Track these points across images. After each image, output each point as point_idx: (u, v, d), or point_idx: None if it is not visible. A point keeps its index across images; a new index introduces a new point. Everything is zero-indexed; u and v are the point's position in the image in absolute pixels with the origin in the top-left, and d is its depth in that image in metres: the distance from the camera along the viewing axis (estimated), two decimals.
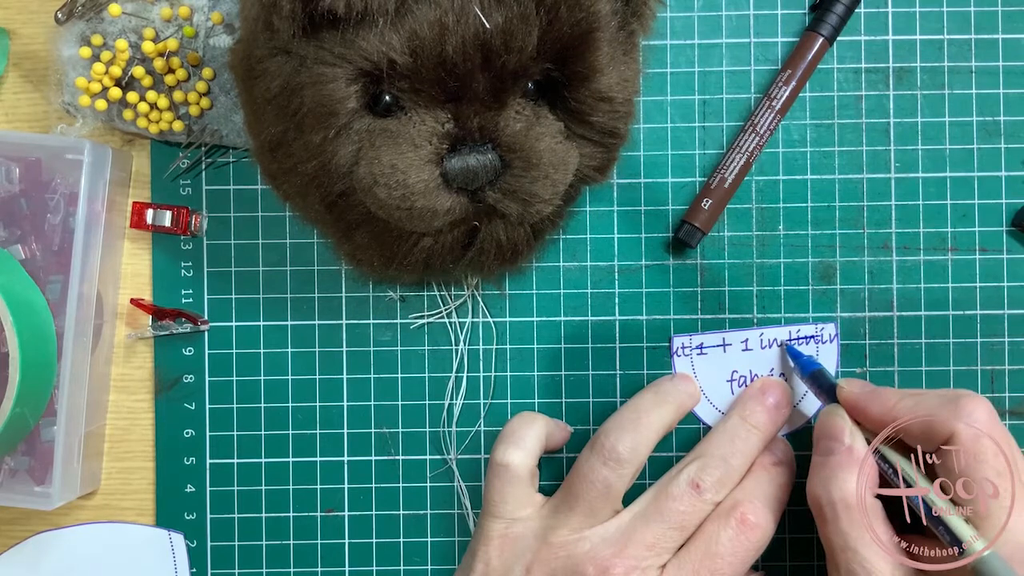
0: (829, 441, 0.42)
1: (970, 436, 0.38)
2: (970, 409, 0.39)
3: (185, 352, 0.49)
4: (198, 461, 0.49)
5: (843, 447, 0.41)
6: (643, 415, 0.44)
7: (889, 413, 0.41)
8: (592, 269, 0.49)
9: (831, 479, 0.40)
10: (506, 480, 0.44)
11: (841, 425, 0.42)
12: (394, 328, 0.49)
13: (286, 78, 0.37)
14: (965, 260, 0.48)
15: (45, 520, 0.49)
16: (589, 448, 0.44)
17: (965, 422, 0.38)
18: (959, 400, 0.39)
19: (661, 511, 0.42)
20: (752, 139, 0.47)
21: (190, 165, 0.48)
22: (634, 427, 0.44)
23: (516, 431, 0.45)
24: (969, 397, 0.39)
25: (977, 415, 0.39)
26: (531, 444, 0.45)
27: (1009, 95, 0.48)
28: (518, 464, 0.44)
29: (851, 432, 0.41)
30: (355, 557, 0.49)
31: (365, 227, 0.40)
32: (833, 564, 0.40)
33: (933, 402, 0.40)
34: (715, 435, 0.45)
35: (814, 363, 0.46)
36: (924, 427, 0.39)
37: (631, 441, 0.43)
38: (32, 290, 0.45)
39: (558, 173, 0.38)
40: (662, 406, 0.45)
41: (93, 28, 0.46)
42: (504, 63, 0.35)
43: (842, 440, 0.41)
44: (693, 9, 0.48)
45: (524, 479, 0.44)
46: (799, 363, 0.47)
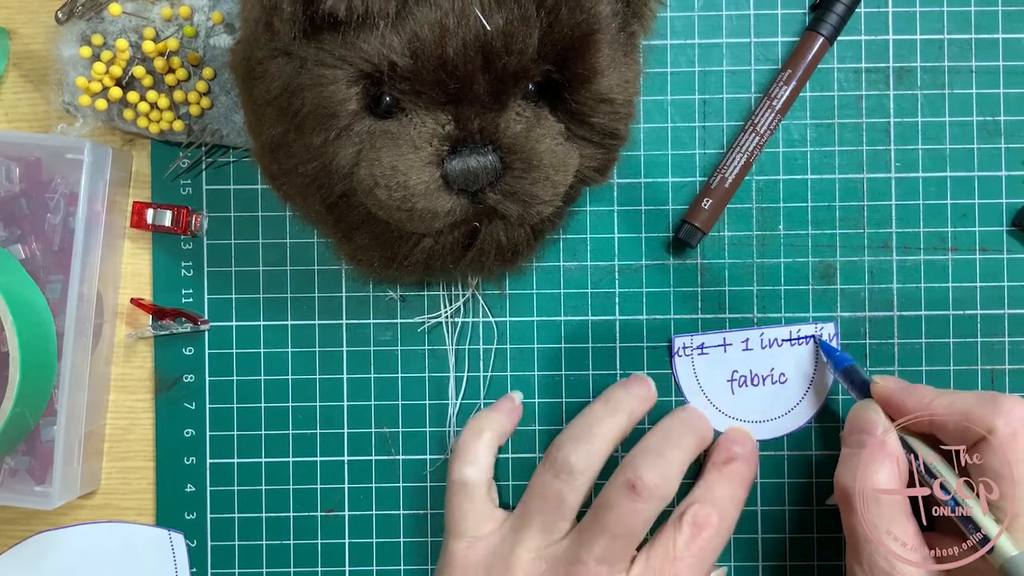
0: (861, 434, 0.42)
1: (1007, 434, 0.39)
2: (1008, 407, 0.39)
3: (185, 352, 0.49)
4: (198, 461, 0.49)
5: (875, 440, 0.41)
6: (594, 425, 0.44)
7: (925, 409, 0.41)
8: (592, 269, 0.49)
9: (863, 469, 0.41)
10: (463, 497, 0.45)
11: (875, 419, 0.42)
12: (394, 328, 0.49)
13: (287, 79, 0.36)
14: (965, 260, 0.48)
15: (45, 520, 0.49)
16: (543, 463, 0.44)
17: (1004, 419, 0.39)
18: (997, 399, 0.40)
19: (602, 523, 0.41)
20: (752, 139, 0.47)
21: (190, 165, 0.48)
22: (586, 439, 0.44)
23: (467, 446, 0.46)
24: (1008, 397, 0.40)
25: (1016, 414, 0.39)
26: (483, 457, 0.46)
27: (1009, 95, 0.48)
28: (474, 479, 0.45)
29: (884, 426, 0.42)
30: (355, 557, 0.49)
31: (365, 228, 0.40)
32: (855, 554, 0.41)
33: (970, 400, 0.40)
34: (649, 435, 0.45)
35: (847, 358, 0.46)
36: (960, 425, 0.40)
37: (584, 453, 0.43)
38: (32, 290, 0.45)
39: (558, 174, 0.38)
40: (614, 415, 0.45)
41: (93, 28, 0.46)
42: (505, 65, 0.35)
43: (874, 433, 0.42)
44: (693, 9, 0.48)
45: (482, 493, 0.45)
46: (832, 359, 0.47)
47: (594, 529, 0.41)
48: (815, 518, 0.48)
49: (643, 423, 0.48)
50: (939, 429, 0.41)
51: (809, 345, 0.48)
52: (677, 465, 0.43)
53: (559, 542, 0.43)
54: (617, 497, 0.41)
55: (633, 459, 0.43)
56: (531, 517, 0.43)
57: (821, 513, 0.48)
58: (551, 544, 0.43)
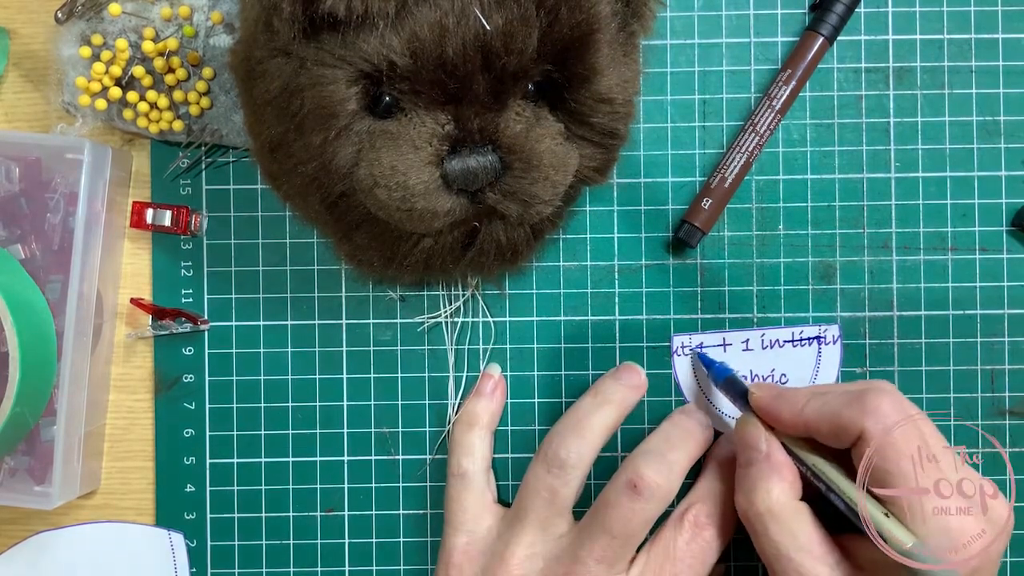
0: (748, 451, 0.41)
1: (879, 432, 0.37)
2: (874, 405, 0.38)
3: (185, 352, 0.49)
4: (198, 461, 0.49)
5: (761, 455, 0.40)
6: (584, 419, 0.44)
7: (798, 417, 0.40)
8: (592, 269, 0.49)
9: (753, 490, 0.40)
10: (462, 488, 0.45)
11: (756, 433, 0.41)
12: (394, 328, 0.49)
13: (286, 79, 0.36)
14: (965, 260, 0.48)
15: (45, 520, 0.49)
16: (535, 458, 0.44)
17: (872, 419, 0.37)
18: (863, 398, 0.38)
19: (602, 522, 0.41)
20: (752, 139, 0.47)
21: (190, 165, 0.48)
22: (577, 432, 0.44)
23: (462, 440, 0.46)
24: (873, 391, 0.38)
25: (883, 410, 0.37)
26: (480, 449, 0.46)
27: (1009, 95, 0.48)
28: (473, 471, 0.46)
29: (766, 439, 0.41)
30: (355, 557, 0.49)
31: (365, 228, 0.40)
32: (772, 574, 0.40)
33: (838, 403, 0.39)
34: (651, 435, 0.45)
35: (727, 369, 0.46)
36: (833, 428, 0.39)
37: (574, 447, 0.43)
38: (32, 290, 0.45)
39: (558, 174, 0.38)
40: (603, 407, 0.45)
41: (93, 28, 0.46)
42: (504, 65, 0.35)
43: (759, 448, 0.41)
44: (693, 9, 0.48)
45: (480, 483, 0.46)
46: (712, 371, 0.47)
47: (594, 528, 0.41)
48: None
49: (644, 423, 0.48)
50: (816, 434, 0.40)
51: (811, 347, 0.48)
52: (679, 466, 0.43)
53: (558, 541, 0.43)
54: (618, 497, 0.41)
55: (634, 459, 0.43)
56: (526, 513, 0.43)
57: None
58: (548, 541, 0.43)
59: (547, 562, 0.42)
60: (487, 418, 0.47)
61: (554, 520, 0.43)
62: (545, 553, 0.42)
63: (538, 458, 0.44)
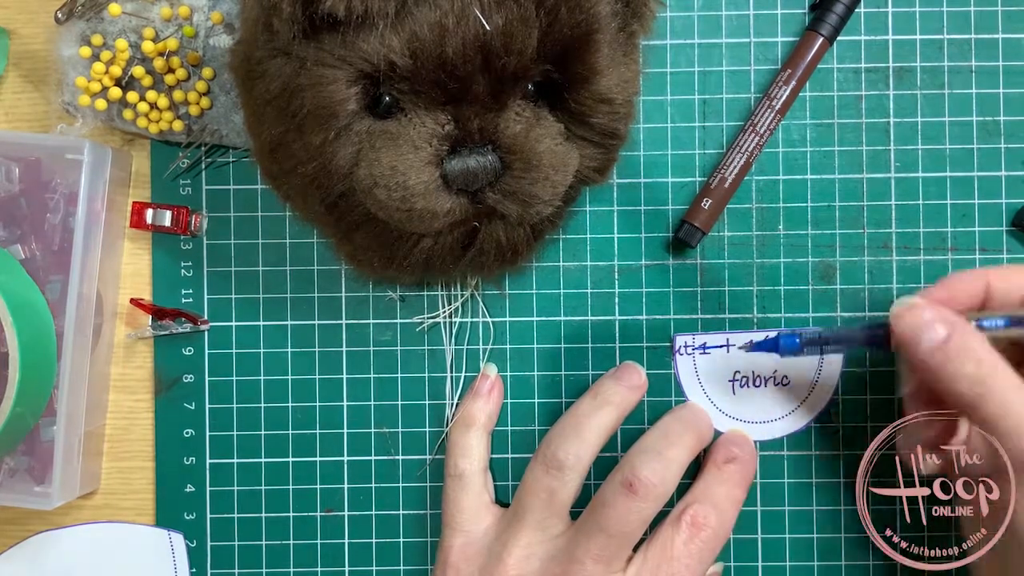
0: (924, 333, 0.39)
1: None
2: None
3: (185, 352, 0.49)
4: (198, 461, 0.49)
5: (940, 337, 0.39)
6: (583, 420, 0.44)
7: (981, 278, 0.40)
8: (592, 269, 0.49)
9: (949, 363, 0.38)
10: (459, 489, 0.45)
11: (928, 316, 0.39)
12: (394, 328, 0.49)
13: (286, 80, 0.36)
14: (965, 260, 0.48)
15: (45, 520, 0.49)
16: (533, 459, 0.44)
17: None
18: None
19: (599, 521, 0.41)
20: (752, 139, 0.47)
21: (190, 165, 0.48)
22: (575, 434, 0.44)
23: (459, 441, 0.47)
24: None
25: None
26: (477, 450, 0.46)
27: (1009, 95, 0.48)
28: (470, 472, 0.46)
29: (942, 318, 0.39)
30: (355, 557, 0.49)
31: (365, 228, 0.40)
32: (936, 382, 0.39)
33: None
34: (647, 434, 0.45)
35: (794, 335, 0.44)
36: None
37: (573, 448, 0.43)
38: (32, 290, 0.45)
39: (558, 174, 0.38)
40: (602, 408, 0.45)
41: (93, 28, 0.46)
42: (504, 65, 0.35)
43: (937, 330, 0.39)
44: (693, 9, 0.48)
45: (477, 484, 0.46)
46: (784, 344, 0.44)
47: (591, 528, 0.41)
48: (815, 518, 0.48)
49: (644, 423, 0.48)
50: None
51: None
52: (676, 464, 0.43)
53: (554, 540, 0.43)
54: (614, 496, 0.41)
55: (631, 458, 0.43)
56: (524, 514, 0.43)
57: (821, 513, 0.48)
58: (545, 541, 0.43)
59: (544, 562, 0.42)
60: (484, 419, 0.47)
61: (551, 520, 0.43)
62: (542, 553, 0.42)
63: (537, 459, 0.44)
